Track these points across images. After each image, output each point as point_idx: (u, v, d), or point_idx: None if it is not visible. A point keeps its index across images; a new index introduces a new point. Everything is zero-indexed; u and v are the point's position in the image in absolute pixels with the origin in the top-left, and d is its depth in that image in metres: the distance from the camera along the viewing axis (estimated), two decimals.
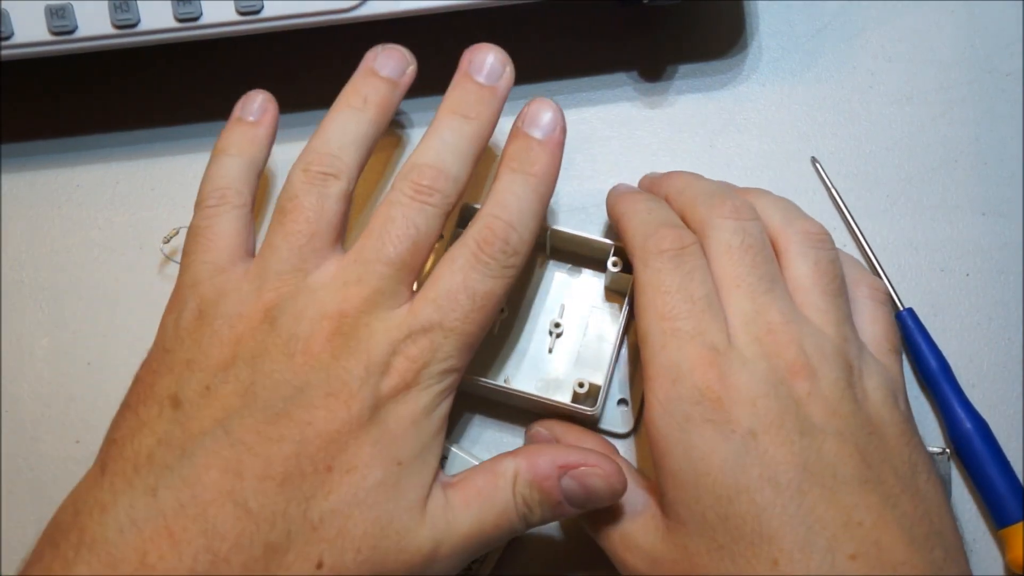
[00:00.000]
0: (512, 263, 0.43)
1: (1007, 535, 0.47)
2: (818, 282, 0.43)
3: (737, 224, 0.44)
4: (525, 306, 0.50)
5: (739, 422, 0.40)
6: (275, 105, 0.48)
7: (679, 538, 0.40)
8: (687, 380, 0.41)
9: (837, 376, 0.41)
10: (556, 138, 0.45)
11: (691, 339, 0.41)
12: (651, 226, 0.44)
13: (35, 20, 0.46)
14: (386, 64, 0.46)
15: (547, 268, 0.51)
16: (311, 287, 0.41)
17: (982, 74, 0.54)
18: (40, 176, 0.53)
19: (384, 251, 0.42)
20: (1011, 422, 0.49)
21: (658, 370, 0.41)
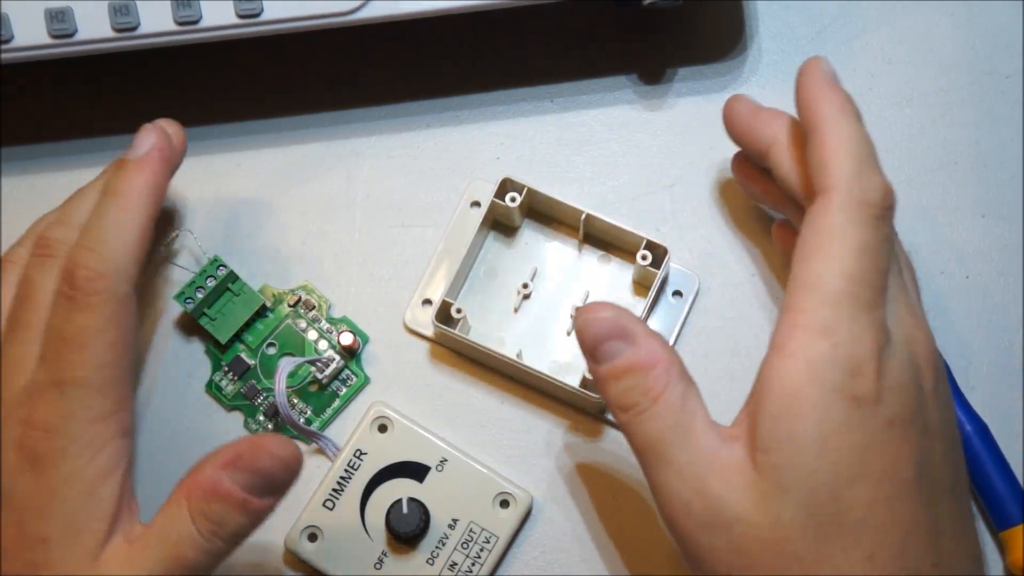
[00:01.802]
0: (103, 287, 0.41)
1: (1007, 537, 0.47)
2: (913, 282, 0.44)
3: (885, 204, 0.40)
4: (550, 286, 0.50)
5: (884, 408, 0.38)
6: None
7: (774, 505, 0.37)
8: (849, 349, 0.37)
9: (940, 373, 0.41)
10: (147, 155, 0.44)
11: (868, 311, 0.38)
12: (866, 165, 0.40)
13: (35, 23, 0.46)
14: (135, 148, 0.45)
15: (579, 252, 0.51)
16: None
17: (982, 76, 0.54)
18: (40, 179, 0.53)
19: (10, 318, 0.42)
20: (1011, 424, 0.49)
21: (821, 325, 0.38)
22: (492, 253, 0.51)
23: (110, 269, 0.41)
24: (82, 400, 0.40)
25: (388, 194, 0.52)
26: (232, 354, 0.50)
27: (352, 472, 0.47)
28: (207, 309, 0.49)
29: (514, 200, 0.49)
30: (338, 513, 0.47)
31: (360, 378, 0.50)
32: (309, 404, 0.49)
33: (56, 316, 0.41)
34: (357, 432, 0.48)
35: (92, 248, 0.41)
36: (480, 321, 0.50)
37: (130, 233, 0.42)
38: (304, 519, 0.47)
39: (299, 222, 0.52)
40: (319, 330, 0.50)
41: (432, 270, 0.51)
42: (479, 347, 0.48)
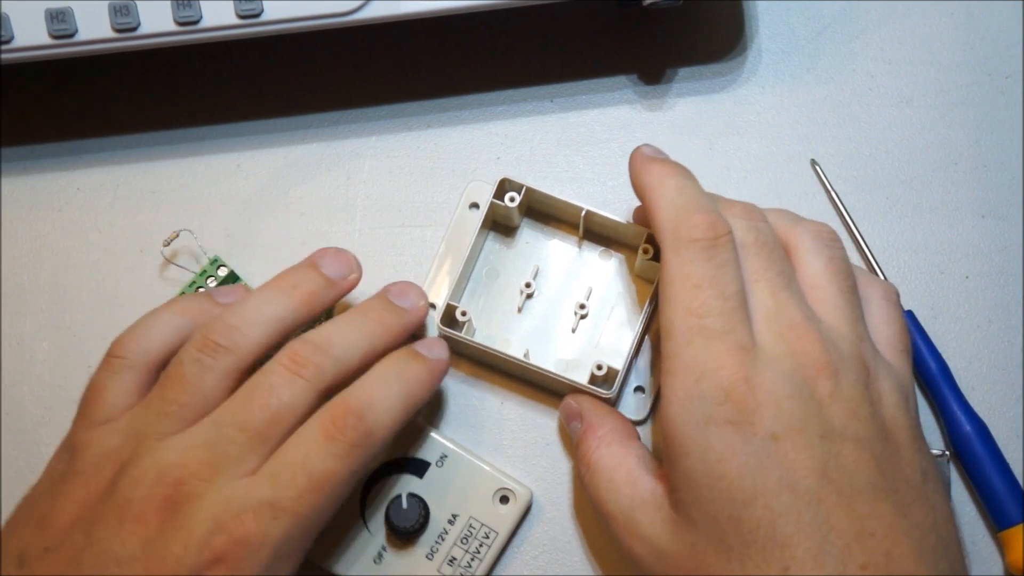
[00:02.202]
0: (363, 443, 0.41)
1: (1007, 537, 0.47)
2: (833, 279, 0.43)
3: (749, 223, 0.43)
4: (553, 284, 0.50)
5: (762, 424, 0.39)
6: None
7: (687, 535, 0.40)
8: (712, 379, 0.39)
9: (856, 377, 0.41)
10: (438, 363, 0.45)
11: (720, 337, 0.40)
12: (684, 209, 0.42)
13: (35, 24, 0.46)
14: (331, 265, 0.46)
15: (579, 249, 0.51)
16: (162, 447, 0.40)
17: (982, 76, 0.54)
18: (41, 179, 0.53)
19: (239, 416, 0.41)
20: (1011, 424, 0.49)
21: (681, 366, 0.40)
22: (493, 254, 0.51)
23: (378, 434, 0.42)
24: (287, 532, 0.40)
25: (388, 194, 0.52)
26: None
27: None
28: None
29: (513, 200, 0.49)
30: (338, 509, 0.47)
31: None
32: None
33: (313, 451, 0.40)
34: None
35: (374, 409, 0.42)
36: (485, 323, 0.50)
37: (400, 416, 0.43)
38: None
39: (299, 222, 0.52)
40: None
41: (434, 274, 0.51)
42: (486, 349, 0.48)
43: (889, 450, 0.40)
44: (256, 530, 0.39)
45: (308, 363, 0.42)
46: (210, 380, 0.42)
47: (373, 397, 0.42)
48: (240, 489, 0.40)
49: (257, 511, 0.39)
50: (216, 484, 0.40)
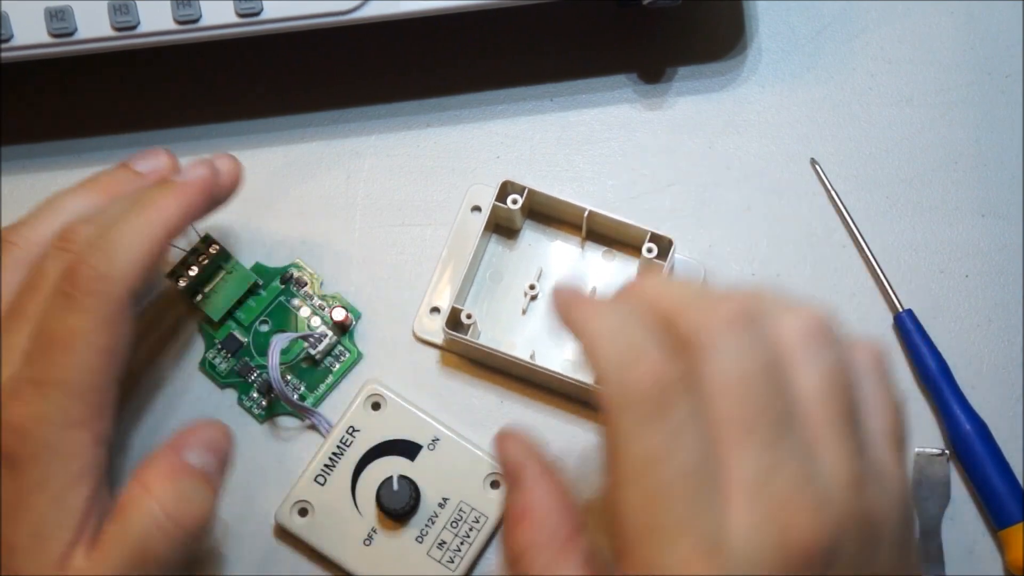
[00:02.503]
0: (100, 289, 0.40)
1: (1007, 536, 0.47)
2: (833, 400, 0.33)
3: (743, 337, 0.33)
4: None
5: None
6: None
7: None
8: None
9: (857, 551, 0.32)
10: (190, 182, 0.44)
11: (678, 535, 0.31)
12: (623, 355, 0.33)
13: (35, 22, 0.46)
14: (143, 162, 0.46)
15: (582, 250, 0.51)
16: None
17: (982, 76, 0.54)
18: (40, 178, 0.53)
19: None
20: (1010, 423, 0.49)
21: (642, 568, 0.31)
22: (496, 256, 0.51)
23: (114, 273, 0.40)
24: (59, 403, 0.39)
25: (388, 193, 0.52)
26: (225, 332, 0.50)
27: (344, 449, 0.48)
28: (199, 287, 0.49)
29: (515, 202, 0.49)
30: (329, 489, 0.47)
31: (353, 354, 0.50)
32: (303, 380, 0.50)
33: (49, 313, 0.40)
34: (351, 409, 0.48)
35: (102, 249, 0.40)
36: (490, 325, 0.50)
37: (144, 244, 0.41)
38: (295, 494, 0.47)
39: (299, 222, 0.52)
40: (312, 307, 0.50)
41: (437, 277, 0.51)
42: (492, 351, 0.48)
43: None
44: (28, 413, 0.39)
45: (79, 239, 0.41)
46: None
47: (104, 239, 0.41)
48: (5, 381, 0.39)
49: (21, 395, 0.39)
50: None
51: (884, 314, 0.51)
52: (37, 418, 0.39)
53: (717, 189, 0.52)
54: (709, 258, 0.51)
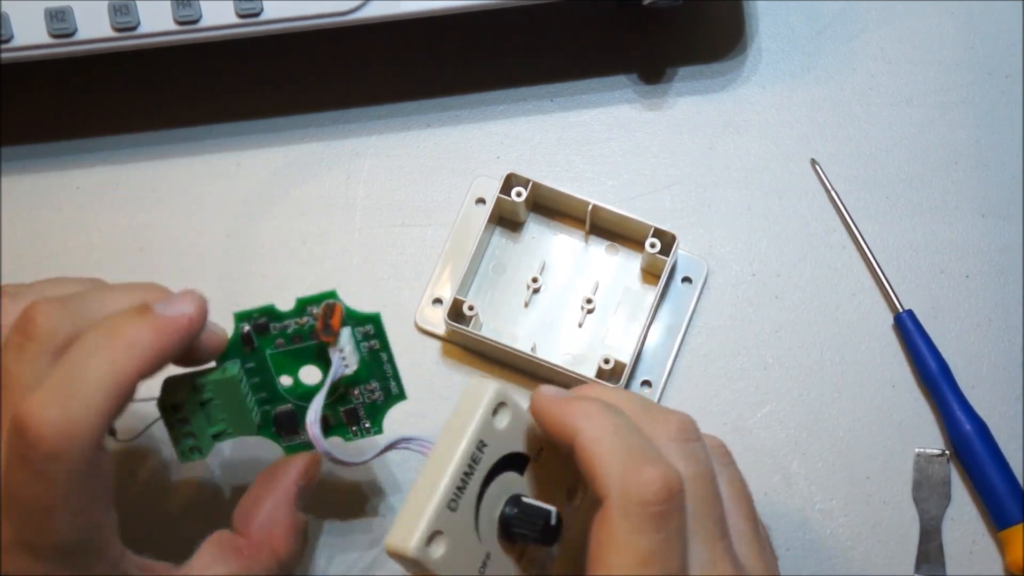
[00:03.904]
0: (55, 452, 0.34)
1: (1007, 537, 0.47)
2: (739, 506, 0.39)
3: (686, 449, 0.37)
4: (559, 278, 0.51)
5: None
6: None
7: None
8: None
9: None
10: (175, 318, 0.38)
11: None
12: (630, 461, 0.36)
13: (35, 23, 0.46)
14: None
15: (586, 243, 0.51)
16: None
17: (982, 76, 0.54)
18: (40, 178, 0.53)
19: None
20: (1011, 424, 0.49)
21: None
22: (499, 249, 0.51)
23: (73, 429, 0.34)
24: (61, 562, 0.36)
25: (388, 194, 0.52)
26: (269, 420, 0.43)
27: (474, 467, 0.39)
28: (211, 429, 0.42)
29: (520, 195, 0.49)
30: (460, 514, 0.39)
31: (374, 317, 0.43)
32: (370, 381, 0.43)
33: (11, 476, 0.35)
34: (474, 420, 0.39)
35: (56, 399, 0.34)
36: (492, 317, 0.50)
37: (110, 392, 0.35)
38: (428, 521, 0.38)
39: (299, 222, 0.52)
40: (297, 333, 0.42)
41: (440, 269, 0.51)
42: (493, 343, 0.48)
43: None
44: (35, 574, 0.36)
45: (40, 328, 0.36)
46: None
47: (62, 385, 0.35)
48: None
49: (18, 560, 0.35)
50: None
51: (884, 314, 0.51)
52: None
53: (717, 189, 0.52)
54: (709, 258, 0.51)
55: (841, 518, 0.49)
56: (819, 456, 0.49)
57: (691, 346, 0.50)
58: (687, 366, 0.50)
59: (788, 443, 0.49)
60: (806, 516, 0.48)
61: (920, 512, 0.48)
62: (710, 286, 0.51)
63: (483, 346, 0.49)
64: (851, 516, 0.49)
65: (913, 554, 0.48)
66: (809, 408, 0.50)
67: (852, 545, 0.48)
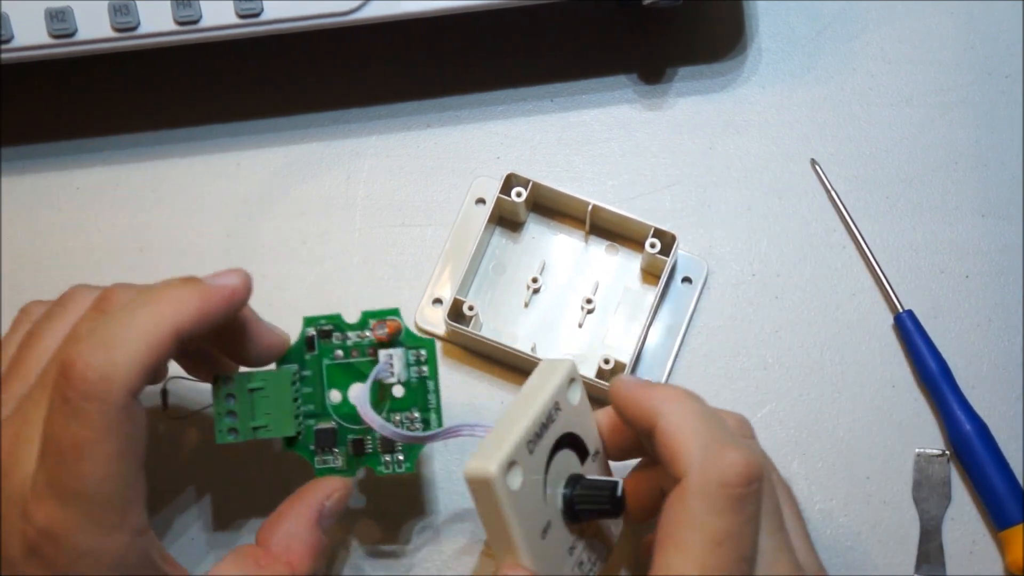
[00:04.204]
0: (98, 395, 0.36)
1: (1007, 537, 0.47)
2: (788, 505, 0.40)
3: (748, 444, 0.39)
4: (559, 278, 0.51)
5: None
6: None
7: None
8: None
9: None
10: (219, 287, 0.40)
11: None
12: (714, 443, 0.37)
13: (35, 23, 0.46)
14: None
15: (586, 243, 0.51)
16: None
17: (982, 76, 0.54)
18: (40, 178, 0.53)
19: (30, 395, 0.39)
20: (1011, 424, 0.49)
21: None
22: (499, 249, 0.51)
23: (114, 374, 0.37)
24: (84, 512, 0.37)
25: (388, 194, 0.52)
26: (310, 433, 0.44)
27: (549, 424, 0.40)
28: (253, 421, 0.43)
29: (520, 195, 0.49)
30: (534, 460, 0.40)
31: (428, 344, 0.44)
32: (412, 409, 0.44)
33: (52, 416, 0.37)
34: (552, 383, 0.41)
35: (102, 343, 0.37)
36: (492, 317, 0.50)
37: (150, 341, 0.37)
38: (507, 449, 0.38)
39: (299, 222, 0.52)
40: (356, 346, 0.44)
41: (440, 269, 0.51)
42: (493, 343, 0.48)
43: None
44: (56, 519, 0.37)
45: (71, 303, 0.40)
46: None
47: (105, 330, 0.37)
48: (24, 477, 0.38)
49: (44, 502, 0.37)
50: (17, 468, 0.38)
51: (884, 314, 0.51)
52: (67, 527, 0.37)
53: (717, 189, 0.52)
54: (709, 258, 0.51)
55: (841, 518, 0.49)
56: (819, 456, 0.49)
57: (691, 346, 0.50)
58: (687, 366, 0.50)
59: (788, 443, 0.49)
60: (806, 516, 0.48)
61: (920, 512, 0.48)
62: (710, 286, 0.51)
63: (483, 346, 0.49)
64: (851, 516, 0.49)
65: (913, 554, 0.48)
66: (809, 408, 0.50)
67: (852, 545, 0.48)
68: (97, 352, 0.37)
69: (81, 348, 0.37)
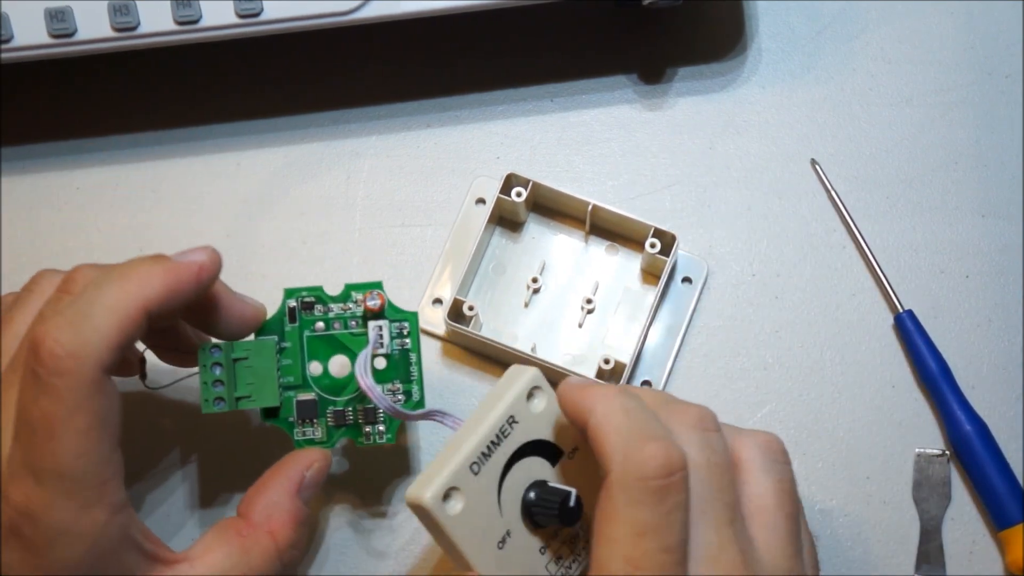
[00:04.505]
0: (67, 371, 0.37)
1: (1007, 537, 0.47)
2: (781, 504, 0.40)
3: (703, 437, 0.39)
4: (559, 278, 0.51)
5: None
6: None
7: None
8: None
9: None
10: (186, 264, 0.41)
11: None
12: (635, 437, 0.37)
13: (35, 23, 0.46)
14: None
15: (586, 244, 0.51)
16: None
17: (982, 76, 0.54)
18: (40, 179, 0.53)
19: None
20: (1011, 424, 0.49)
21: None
22: (499, 249, 0.51)
23: (82, 349, 0.37)
24: (60, 490, 0.37)
25: (388, 194, 0.52)
26: (289, 406, 0.44)
27: (501, 439, 0.41)
28: (237, 392, 0.44)
29: (520, 195, 0.49)
30: (481, 480, 0.41)
31: (410, 317, 0.45)
32: (394, 381, 0.45)
33: (23, 395, 0.37)
34: (509, 395, 0.42)
35: (70, 321, 0.37)
36: (492, 317, 0.50)
37: (119, 317, 0.38)
38: (447, 476, 0.40)
39: (299, 222, 0.52)
40: (338, 317, 0.45)
41: (440, 269, 0.51)
42: (493, 343, 0.48)
43: None
44: (33, 498, 0.37)
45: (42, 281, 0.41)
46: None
47: (73, 306, 0.38)
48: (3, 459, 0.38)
49: (21, 481, 0.37)
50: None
51: (884, 314, 0.51)
52: (43, 505, 0.37)
53: (717, 189, 0.52)
54: (709, 258, 0.51)
55: (841, 518, 0.49)
56: (819, 456, 0.49)
57: (691, 346, 0.50)
58: (687, 366, 0.50)
59: (788, 443, 0.49)
60: (806, 516, 0.48)
61: (920, 512, 0.48)
62: (710, 286, 0.51)
63: (483, 346, 0.49)
64: (851, 516, 0.49)
65: (913, 554, 0.48)
66: (809, 408, 0.50)
67: (852, 545, 0.48)
68: (64, 329, 0.37)
69: (48, 326, 0.37)
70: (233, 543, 0.42)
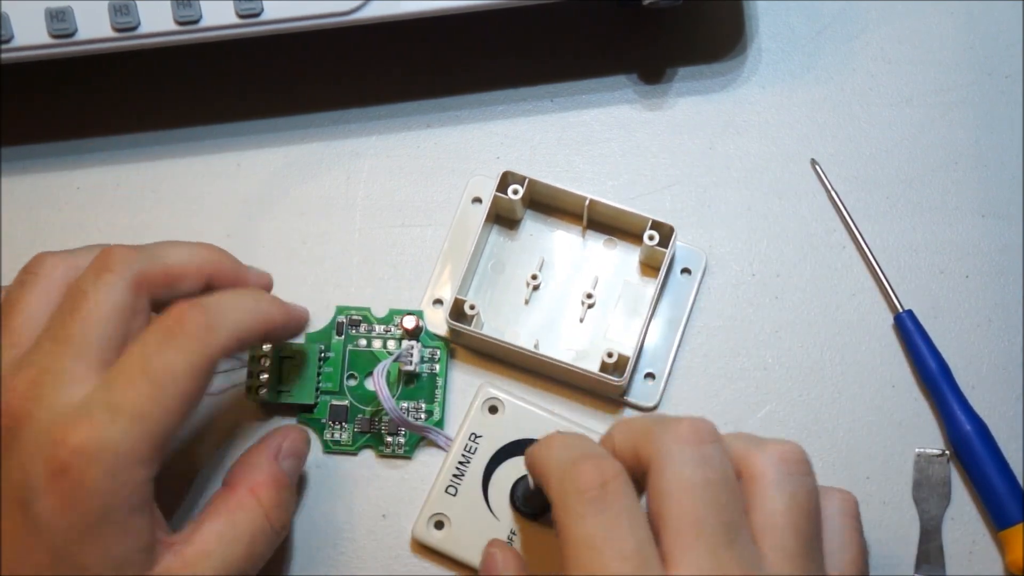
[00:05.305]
0: (203, 337, 0.39)
1: (1007, 537, 0.47)
2: (794, 523, 0.37)
3: (696, 451, 0.37)
4: (559, 275, 0.51)
5: None
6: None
7: None
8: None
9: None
10: (300, 314, 0.46)
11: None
12: (566, 461, 0.38)
13: (35, 23, 0.46)
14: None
15: (584, 239, 0.51)
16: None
17: (982, 76, 0.54)
18: (40, 179, 0.53)
19: (53, 328, 0.39)
20: (1011, 424, 0.49)
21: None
22: (497, 247, 0.51)
23: (222, 329, 0.40)
24: (131, 435, 0.38)
25: (388, 194, 0.52)
26: (324, 408, 0.49)
27: (470, 456, 0.47)
28: (279, 387, 0.48)
29: (516, 192, 0.49)
30: (462, 498, 0.47)
31: (440, 346, 0.50)
32: (419, 399, 0.49)
33: (146, 344, 0.39)
34: (469, 416, 0.48)
35: (215, 304, 0.41)
36: (493, 316, 0.50)
37: (252, 321, 0.42)
38: (429, 508, 0.47)
39: (299, 222, 0.52)
40: (379, 337, 0.50)
41: (439, 269, 0.51)
42: (496, 342, 0.48)
43: None
44: (92, 435, 0.37)
45: (115, 260, 0.41)
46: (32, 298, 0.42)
47: (220, 300, 0.41)
48: (72, 399, 0.38)
49: (92, 416, 0.37)
50: (45, 401, 0.38)
51: (884, 314, 0.51)
52: (104, 445, 0.37)
53: (717, 189, 0.52)
54: (709, 258, 0.51)
55: None
56: (819, 456, 0.49)
57: (691, 346, 0.50)
58: (687, 366, 0.50)
59: None
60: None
61: (920, 512, 0.48)
62: (710, 286, 0.51)
63: (486, 345, 0.49)
64: None
65: (913, 554, 0.48)
66: (809, 408, 0.50)
67: None
68: (213, 309, 0.40)
69: (201, 300, 0.40)
70: (220, 515, 0.42)
